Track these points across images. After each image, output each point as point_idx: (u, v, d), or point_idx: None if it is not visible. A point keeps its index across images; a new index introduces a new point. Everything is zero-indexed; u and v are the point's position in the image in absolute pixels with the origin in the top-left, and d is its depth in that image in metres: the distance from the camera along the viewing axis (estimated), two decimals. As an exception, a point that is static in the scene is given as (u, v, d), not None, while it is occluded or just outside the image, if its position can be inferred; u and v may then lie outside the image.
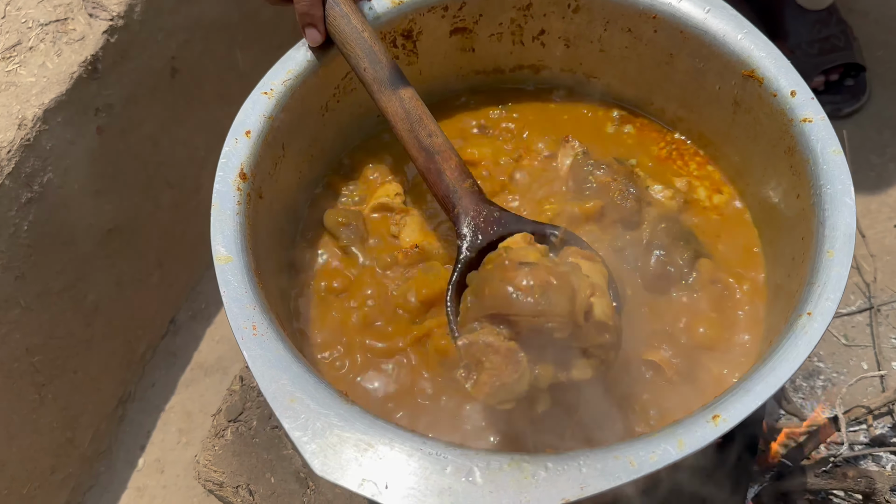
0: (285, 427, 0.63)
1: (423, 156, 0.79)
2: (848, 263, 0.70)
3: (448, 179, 0.77)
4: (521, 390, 0.64)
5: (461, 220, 0.76)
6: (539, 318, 0.63)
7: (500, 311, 0.64)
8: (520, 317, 0.63)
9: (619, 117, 1.02)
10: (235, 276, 0.71)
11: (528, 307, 0.63)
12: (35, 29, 1.15)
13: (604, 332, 0.65)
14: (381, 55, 0.82)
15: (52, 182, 1.09)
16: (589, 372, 0.65)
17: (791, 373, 0.64)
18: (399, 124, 0.80)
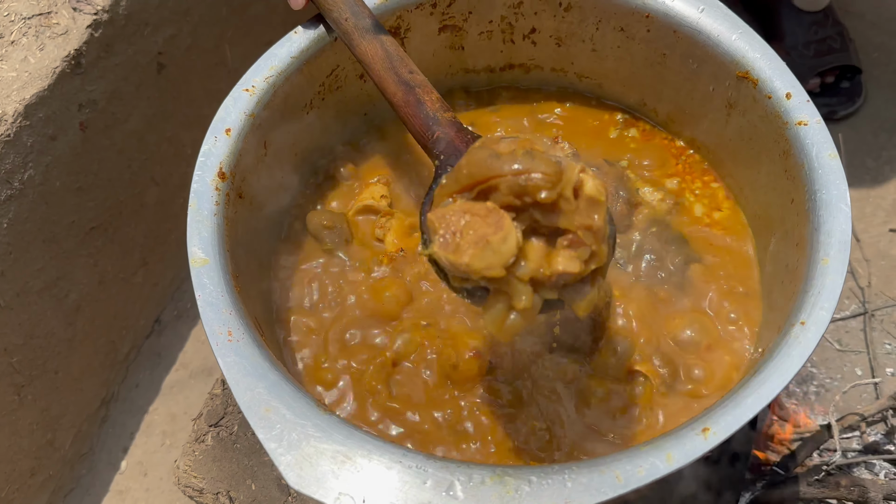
0: (260, 437, 0.61)
1: (402, 90, 0.75)
2: (843, 271, 0.68)
3: (428, 109, 0.73)
4: (510, 252, 0.55)
5: (440, 143, 0.70)
6: (522, 174, 0.55)
7: (478, 178, 0.57)
8: (501, 177, 0.55)
9: (623, 121, 1.00)
10: (212, 278, 0.69)
11: (507, 166, 0.55)
12: (18, 22, 1.13)
13: (594, 212, 0.56)
14: (363, 9, 0.80)
15: (32, 179, 1.07)
16: (576, 264, 0.56)
17: (784, 385, 0.63)
18: (378, 63, 0.77)
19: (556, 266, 0.56)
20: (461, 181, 0.58)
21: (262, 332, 0.70)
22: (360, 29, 0.79)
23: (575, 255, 0.56)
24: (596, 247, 0.56)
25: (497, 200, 0.56)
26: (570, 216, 0.55)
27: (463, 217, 0.56)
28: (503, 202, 0.56)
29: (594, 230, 0.56)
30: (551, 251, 0.57)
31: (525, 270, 0.55)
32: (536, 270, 0.56)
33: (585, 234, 0.56)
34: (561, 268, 0.55)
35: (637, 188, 0.92)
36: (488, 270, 0.55)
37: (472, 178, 0.57)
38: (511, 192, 0.55)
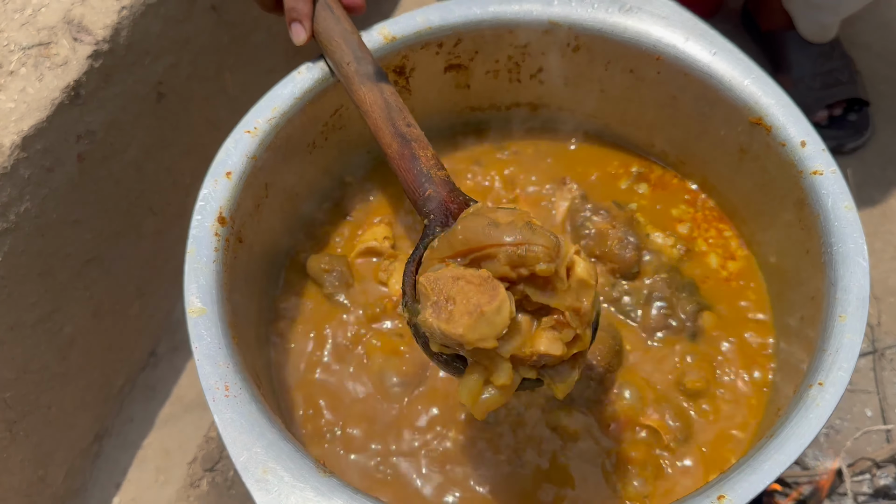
0: (257, 501, 0.58)
1: (397, 142, 0.73)
2: (862, 330, 0.66)
3: (422, 165, 0.70)
4: (503, 323, 0.54)
5: (431, 202, 0.67)
6: (523, 245, 0.54)
7: (473, 246, 0.55)
8: (500, 246, 0.54)
9: (637, 174, 0.97)
10: (209, 329, 0.67)
11: (507, 236, 0.54)
12: (17, 52, 1.11)
13: (584, 295, 0.56)
14: (367, 55, 0.79)
15: (28, 212, 1.05)
16: (559, 347, 0.55)
17: (802, 449, 0.60)
18: (376, 112, 0.75)
19: (538, 346, 0.55)
20: (455, 246, 0.56)
21: (259, 385, 0.68)
22: (361, 75, 0.77)
23: (558, 337, 0.55)
24: (581, 330, 0.56)
25: (492, 269, 0.55)
26: (561, 295, 0.55)
27: (456, 284, 0.55)
28: (498, 272, 0.54)
29: (581, 313, 0.55)
30: (535, 330, 0.56)
31: (507, 347, 0.54)
32: (518, 348, 0.55)
33: (572, 317, 0.55)
34: (543, 349, 0.55)
35: (647, 233, 0.90)
36: (482, 342, 0.54)
37: (468, 245, 0.56)
38: (509, 261, 0.54)
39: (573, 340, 0.56)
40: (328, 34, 0.79)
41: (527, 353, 0.55)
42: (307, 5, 0.80)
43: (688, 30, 0.84)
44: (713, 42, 0.83)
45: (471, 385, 0.55)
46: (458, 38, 0.89)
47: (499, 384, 0.55)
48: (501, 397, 0.56)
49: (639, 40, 0.86)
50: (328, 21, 0.80)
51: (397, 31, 0.86)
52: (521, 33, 0.89)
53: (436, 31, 0.87)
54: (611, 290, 0.86)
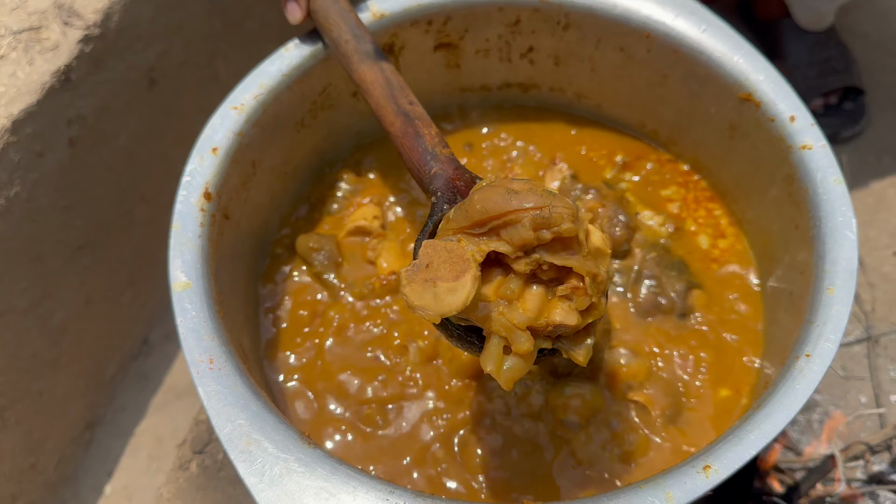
0: (240, 472, 0.58)
1: (400, 120, 0.72)
2: (849, 302, 0.65)
3: (427, 143, 0.70)
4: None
5: (437, 179, 0.67)
6: (544, 208, 0.53)
7: (493, 214, 0.55)
8: (522, 212, 0.54)
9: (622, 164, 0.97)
10: (194, 303, 0.67)
11: (528, 202, 0.54)
12: (7, 37, 1.11)
13: (600, 263, 0.56)
14: (365, 33, 0.78)
15: (19, 196, 1.05)
16: (574, 317, 0.55)
17: (788, 420, 0.60)
18: (378, 90, 0.75)
19: (553, 317, 0.55)
20: (472, 216, 0.56)
21: (245, 360, 0.68)
22: (361, 53, 0.76)
23: (572, 307, 0.55)
24: (596, 298, 0.56)
25: (514, 236, 0.54)
26: (582, 259, 0.55)
27: (441, 254, 0.55)
28: (521, 237, 0.54)
29: (598, 280, 0.55)
30: (550, 301, 0.56)
31: (522, 318, 0.55)
32: (534, 319, 0.55)
33: (591, 283, 0.55)
34: (558, 319, 0.55)
35: (637, 212, 0.89)
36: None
37: (486, 214, 0.55)
38: (534, 224, 0.54)
39: (588, 309, 0.56)
40: (325, 12, 0.79)
41: (542, 323, 0.55)
42: None
43: (677, 6, 0.84)
44: (703, 18, 0.83)
45: (493, 354, 0.55)
46: (448, 15, 0.88)
47: (520, 351, 0.55)
48: (524, 365, 0.56)
49: (628, 17, 0.85)
50: (326, 1, 0.79)
51: (386, 8, 0.85)
52: (512, 11, 0.89)
53: (425, 7, 0.87)
54: (601, 270, 0.86)
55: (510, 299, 0.55)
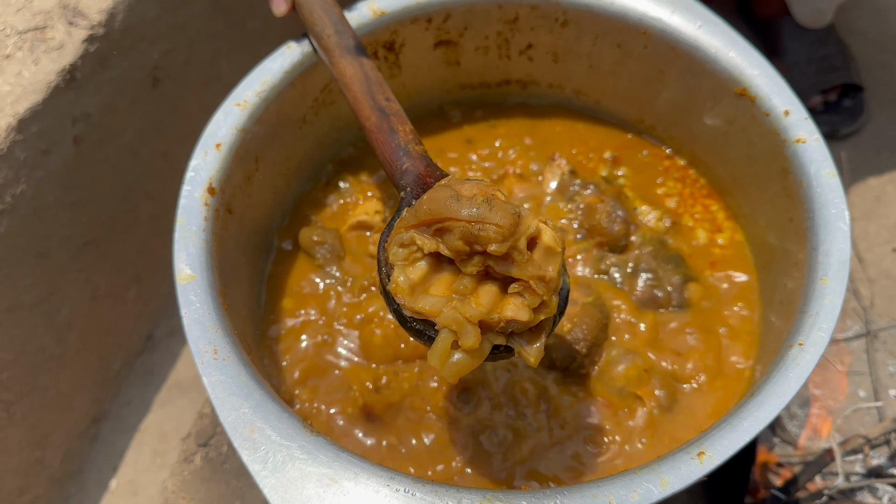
0: (244, 459, 0.59)
1: (376, 115, 0.72)
2: (842, 292, 0.66)
3: (400, 139, 0.70)
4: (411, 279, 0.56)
5: (408, 175, 0.67)
6: (475, 223, 0.55)
7: (436, 217, 0.56)
8: (455, 222, 0.55)
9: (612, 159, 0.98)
10: (198, 295, 0.68)
11: (465, 210, 0.55)
12: (13, 37, 1.12)
13: (549, 263, 0.56)
14: (348, 29, 0.79)
15: (25, 193, 1.06)
16: (526, 313, 0.56)
17: (781, 407, 0.61)
18: (356, 85, 0.75)
19: (505, 312, 0.56)
20: (420, 216, 0.57)
21: (248, 351, 0.69)
22: (342, 48, 0.77)
23: (525, 303, 0.56)
24: (547, 297, 0.56)
25: (448, 242, 0.56)
26: (522, 266, 0.55)
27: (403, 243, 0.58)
28: (454, 246, 0.55)
29: (546, 280, 0.56)
30: (503, 297, 0.57)
31: (474, 312, 0.55)
32: (486, 314, 0.55)
33: (538, 284, 0.55)
34: (510, 314, 0.55)
35: (635, 207, 0.90)
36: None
37: (430, 216, 0.57)
38: (462, 237, 0.55)
39: (540, 307, 0.56)
40: (309, 6, 0.79)
41: (494, 319, 0.56)
42: None
43: (674, 3, 0.85)
44: (698, 14, 0.84)
45: (439, 348, 0.56)
46: (447, 13, 0.89)
47: (466, 346, 0.55)
48: (471, 361, 0.56)
49: (625, 14, 0.86)
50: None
51: (386, 6, 0.87)
52: (510, 8, 0.90)
53: (424, 5, 0.88)
54: (599, 263, 0.87)
55: (463, 294, 0.56)
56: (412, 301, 0.57)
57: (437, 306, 0.56)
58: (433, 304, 0.56)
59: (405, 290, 0.57)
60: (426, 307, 0.56)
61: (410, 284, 0.57)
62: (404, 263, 0.58)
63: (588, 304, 0.83)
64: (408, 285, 0.57)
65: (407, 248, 0.58)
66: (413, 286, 0.57)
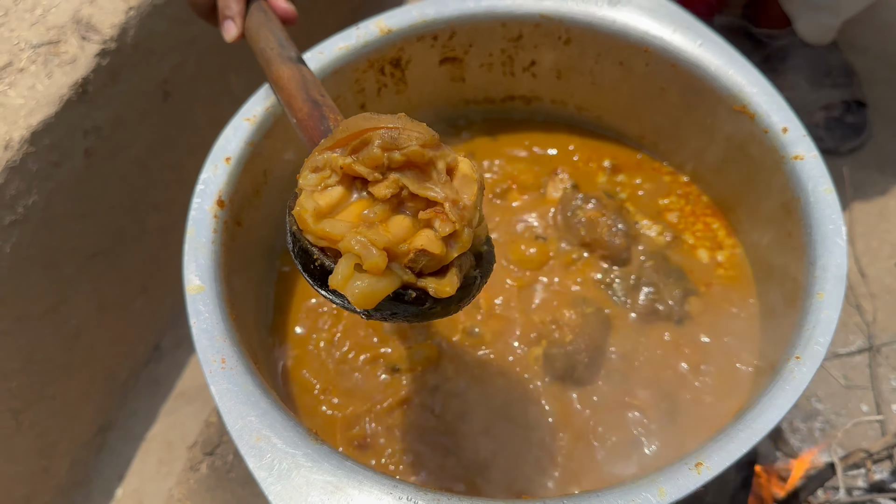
0: (250, 466, 0.60)
1: (308, 106, 0.70)
2: (838, 306, 0.67)
3: (330, 124, 0.68)
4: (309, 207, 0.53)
5: None
6: (397, 129, 0.53)
7: (353, 131, 0.54)
8: (376, 130, 0.53)
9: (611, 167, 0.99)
10: (207, 305, 0.69)
11: (387, 121, 0.53)
12: (27, 50, 1.14)
13: (466, 189, 0.53)
14: (292, 46, 0.78)
15: (36, 204, 1.07)
16: (437, 245, 0.52)
17: (778, 419, 0.62)
18: (291, 84, 0.73)
19: (415, 242, 0.52)
20: (336, 136, 0.55)
21: (255, 360, 0.70)
22: (283, 57, 0.76)
23: (437, 235, 0.52)
24: (460, 226, 0.53)
25: (367, 156, 0.53)
26: (437, 187, 0.53)
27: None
28: (372, 157, 0.53)
29: (460, 206, 0.53)
30: (415, 230, 0.53)
31: (381, 238, 0.51)
32: (394, 242, 0.52)
33: (451, 210, 0.52)
34: (421, 243, 0.52)
35: (636, 221, 0.91)
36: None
37: (348, 131, 0.54)
38: (382, 144, 0.53)
39: (452, 238, 0.53)
40: (256, 27, 0.80)
41: (403, 249, 0.52)
42: (238, 4, 0.82)
43: (674, 22, 0.86)
44: (699, 33, 0.86)
45: (341, 270, 0.52)
46: (453, 31, 0.91)
47: (368, 265, 0.51)
48: (377, 283, 0.51)
49: (627, 33, 0.88)
50: (260, 19, 0.81)
51: (393, 24, 0.89)
52: (514, 26, 0.91)
53: (430, 23, 0.89)
54: (601, 276, 0.88)
55: (372, 223, 0.52)
56: (315, 225, 0.53)
57: (341, 229, 0.52)
58: (336, 227, 0.52)
59: (310, 212, 0.53)
60: (327, 229, 0.52)
61: (317, 209, 0.53)
62: (314, 189, 0.55)
63: (589, 314, 0.84)
64: (313, 209, 0.53)
65: (319, 173, 0.55)
66: (320, 211, 0.53)
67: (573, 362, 0.81)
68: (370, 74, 0.92)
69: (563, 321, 0.83)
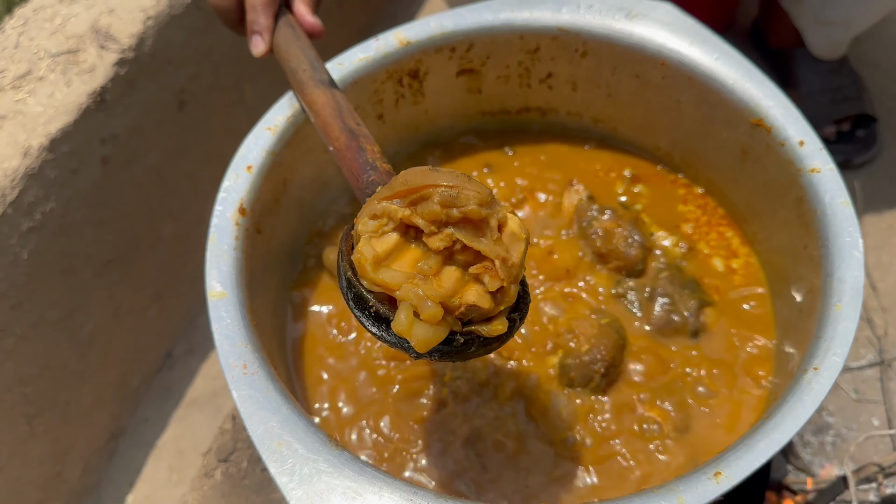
0: (272, 471, 0.61)
1: (345, 136, 0.72)
2: (856, 318, 0.68)
3: (368, 156, 0.70)
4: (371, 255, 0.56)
5: (374, 186, 0.66)
6: (457, 188, 0.55)
7: (413, 186, 0.56)
8: (436, 187, 0.55)
9: (631, 177, 1.00)
10: (229, 312, 0.70)
11: (447, 179, 0.56)
12: (46, 59, 1.16)
13: (514, 248, 0.56)
14: (322, 66, 0.80)
15: (54, 211, 1.09)
16: (486, 300, 0.55)
17: (796, 430, 0.62)
18: (326, 110, 0.75)
19: (467, 297, 0.55)
20: (395, 188, 0.57)
21: (275, 366, 0.71)
22: (316, 80, 0.78)
23: (485, 290, 0.56)
24: (507, 283, 0.56)
25: (425, 209, 0.55)
26: (491, 243, 0.55)
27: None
28: (431, 212, 0.55)
29: (509, 264, 0.56)
30: (466, 283, 0.56)
31: (435, 293, 0.55)
32: (447, 296, 0.55)
33: (501, 266, 0.55)
34: (472, 299, 0.55)
35: (651, 232, 0.92)
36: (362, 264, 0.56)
37: (407, 186, 0.57)
38: (441, 200, 0.55)
39: (500, 293, 0.56)
40: (287, 45, 0.81)
41: (455, 303, 0.55)
42: (268, 19, 0.82)
43: (691, 35, 0.87)
44: (715, 47, 0.86)
45: (402, 317, 0.55)
46: (471, 43, 0.92)
47: (426, 317, 0.54)
48: (435, 331, 0.55)
49: (644, 46, 0.89)
50: (288, 35, 0.82)
51: (412, 36, 0.89)
52: (532, 39, 0.92)
53: (449, 35, 0.90)
54: (616, 287, 0.89)
55: (427, 275, 0.55)
56: (374, 273, 0.56)
57: (398, 280, 0.55)
58: (394, 277, 0.55)
59: (369, 260, 0.56)
60: (386, 279, 0.55)
61: (375, 256, 0.56)
62: (372, 235, 0.57)
63: (605, 325, 0.84)
64: (372, 256, 0.56)
65: (377, 220, 0.57)
66: (378, 258, 0.56)
67: (589, 372, 0.81)
68: (389, 85, 0.92)
69: (579, 331, 0.84)
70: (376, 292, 0.57)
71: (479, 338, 0.57)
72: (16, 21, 1.17)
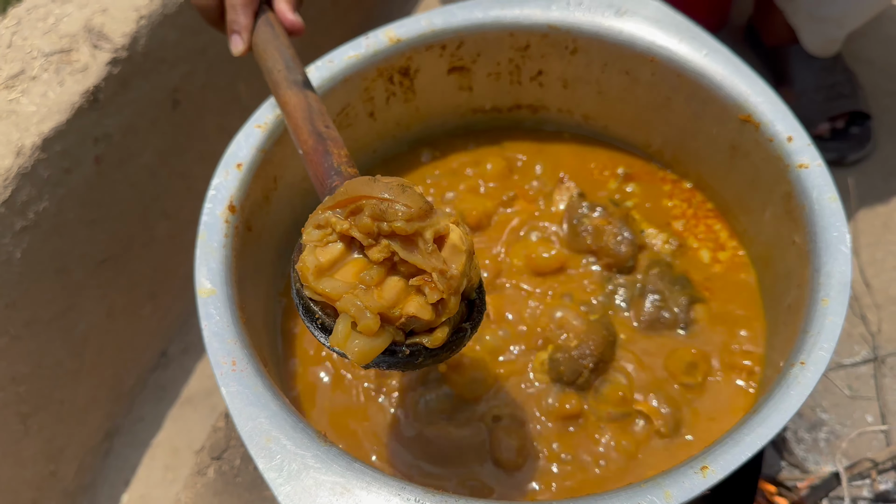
0: (260, 467, 0.61)
1: (313, 139, 0.72)
2: (843, 312, 0.68)
3: (334, 161, 0.69)
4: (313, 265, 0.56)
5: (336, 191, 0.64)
6: (385, 201, 0.55)
7: (350, 196, 0.57)
8: (368, 199, 0.56)
9: (624, 175, 1.00)
10: (218, 309, 0.70)
11: (379, 191, 0.56)
12: (39, 59, 1.16)
13: (454, 260, 0.56)
14: (299, 67, 0.79)
15: (47, 210, 1.09)
16: (427, 311, 0.55)
17: (783, 424, 0.62)
18: (298, 113, 0.75)
19: (407, 308, 0.56)
20: (337, 197, 0.58)
21: (265, 363, 0.71)
22: (290, 80, 0.77)
23: (424, 301, 0.56)
24: (447, 295, 0.56)
25: (358, 221, 0.56)
26: (425, 256, 0.55)
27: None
28: (362, 224, 0.56)
29: (448, 276, 0.56)
30: (407, 294, 0.56)
31: (375, 303, 0.55)
32: (387, 307, 0.55)
33: (439, 279, 0.55)
34: (412, 310, 0.55)
35: (642, 229, 0.92)
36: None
37: (346, 195, 0.57)
38: (371, 214, 0.55)
39: (440, 305, 0.56)
40: (264, 45, 0.81)
41: (395, 314, 0.55)
42: (247, 18, 0.82)
43: (680, 32, 0.87)
44: (704, 43, 0.87)
45: (339, 330, 0.56)
46: (461, 40, 0.92)
47: (362, 328, 0.55)
48: (372, 343, 0.55)
49: (633, 42, 0.89)
50: (267, 34, 0.82)
51: (402, 33, 0.90)
52: (522, 37, 0.93)
53: (439, 33, 0.91)
54: (606, 284, 0.89)
55: (368, 285, 0.55)
56: (315, 282, 0.56)
57: (339, 290, 0.55)
58: (335, 287, 0.56)
59: (311, 270, 0.56)
60: (327, 289, 0.56)
61: (318, 266, 0.56)
62: (316, 245, 0.58)
63: (595, 321, 0.85)
64: (314, 266, 0.56)
65: (321, 231, 0.58)
66: (320, 268, 0.56)
67: (578, 367, 0.82)
68: (379, 83, 0.93)
69: (569, 327, 0.84)
70: (322, 303, 0.58)
71: (426, 348, 0.57)
72: (9, 20, 1.17)
